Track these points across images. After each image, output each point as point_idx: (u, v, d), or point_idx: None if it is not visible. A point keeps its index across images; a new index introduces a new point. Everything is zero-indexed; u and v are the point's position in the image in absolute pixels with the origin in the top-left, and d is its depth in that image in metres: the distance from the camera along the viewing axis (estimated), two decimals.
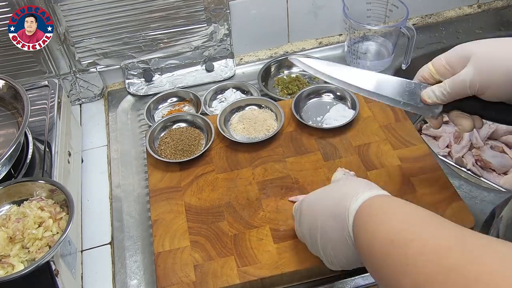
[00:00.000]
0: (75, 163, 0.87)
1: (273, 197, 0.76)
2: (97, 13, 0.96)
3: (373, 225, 0.48)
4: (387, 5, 1.06)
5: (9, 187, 0.70)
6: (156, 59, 1.06)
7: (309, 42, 1.15)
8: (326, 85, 0.94)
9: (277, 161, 0.82)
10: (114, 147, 0.97)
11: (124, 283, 0.75)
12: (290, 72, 1.08)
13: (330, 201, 0.56)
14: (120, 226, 0.83)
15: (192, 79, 1.08)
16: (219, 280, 0.66)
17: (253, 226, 0.72)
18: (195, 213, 0.75)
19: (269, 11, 1.07)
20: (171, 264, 0.69)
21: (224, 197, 0.77)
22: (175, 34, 1.03)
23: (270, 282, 0.67)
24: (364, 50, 1.07)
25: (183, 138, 0.87)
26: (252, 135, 0.87)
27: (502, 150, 0.99)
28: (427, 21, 1.19)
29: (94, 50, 1.01)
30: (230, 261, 0.68)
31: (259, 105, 0.92)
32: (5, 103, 0.81)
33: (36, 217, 0.66)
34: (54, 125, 0.84)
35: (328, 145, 0.84)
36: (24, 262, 0.63)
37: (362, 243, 0.49)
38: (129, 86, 1.07)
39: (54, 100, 0.88)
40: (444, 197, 0.74)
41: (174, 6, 0.99)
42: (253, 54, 1.14)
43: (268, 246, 0.69)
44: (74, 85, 1.04)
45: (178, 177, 0.81)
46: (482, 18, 1.18)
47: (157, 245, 0.71)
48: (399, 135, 0.84)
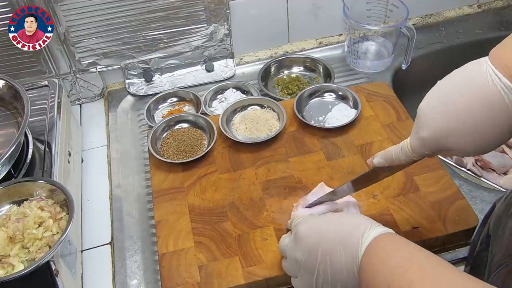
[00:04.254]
0: (75, 163, 0.87)
1: (276, 197, 0.76)
2: (97, 13, 0.96)
3: (375, 264, 0.48)
4: (387, 5, 1.06)
5: (9, 187, 0.70)
6: (156, 59, 1.05)
7: (309, 42, 1.15)
8: (328, 85, 0.94)
9: (280, 161, 0.82)
10: (114, 147, 0.96)
11: (124, 283, 0.75)
12: (290, 72, 1.08)
13: (340, 228, 0.54)
14: (120, 226, 0.82)
15: (192, 79, 1.07)
16: (224, 281, 0.66)
17: (257, 226, 0.72)
18: (198, 214, 0.75)
19: (269, 11, 1.07)
20: (176, 265, 0.68)
21: (228, 197, 0.77)
22: (175, 34, 1.03)
23: (275, 282, 0.67)
24: (364, 50, 1.07)
25: (185, 139, 0.86)
26: (254, 135, 0.86)
27: (502, 150, 0.99)
28: (427, 21, 1.19)
29: (94, 50, 1.00)
30: (235, 261, 0.68)
31: (261, 105, 0.92)
32: (5, 103, 0.80)
33: (36, 217, 0.65)
34: (54, 125, 0.83)
35: (330, 145, 0.84)
36: (24, 262, 0.62)
37: (363, 280, 0.49)
38: (129, 86, 1.06)
39: (54, 100, 0.87)
40: (447, 196, 0.74)
41: (174, 6, 0.99)
42: (253, 54, 1.13)
43: (273, 246, 0.69)
44: (74, 85, 1.04)
45: (181, 177, 0.80)
46: (482, 18, 1.19)
47: (161, 246, 0.71)
48: (402, 134, 0.84)
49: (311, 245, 0.55)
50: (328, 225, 0.56)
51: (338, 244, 0.52)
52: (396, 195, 0.74)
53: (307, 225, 0.58)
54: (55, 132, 0.82)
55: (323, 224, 0.57)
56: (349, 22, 1.02)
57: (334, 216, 0.60)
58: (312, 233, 0.56)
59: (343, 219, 0.57)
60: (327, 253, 0.53)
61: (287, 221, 0.72)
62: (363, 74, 1.07)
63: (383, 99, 0.91)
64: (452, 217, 0.70)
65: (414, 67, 1.08)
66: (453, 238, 0.71)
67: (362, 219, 0.54)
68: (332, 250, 0.52)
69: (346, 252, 0.51)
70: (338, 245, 0.52)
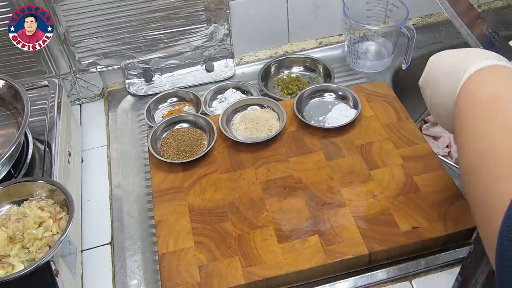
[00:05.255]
0: (75, 163, 0.87)
1: (276, 197, 0.76)
2: (97, 13, 0.96)
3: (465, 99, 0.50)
4: (387, 5, 1.06)
5: (9, 187, 0.70)
6: (156, 59, 1.05)
7: (309, 42, 1.15)
8: (328, 85, 0.94)
9: (280, 161, 0.82)
10: (114, 147, 0.96)
11: (124, 283, 0.75)
12: (290, 72, 1.08)
13: (452, 60, 0.56)
14: (120, 226, 0.82)
15: (192, 79, 1.07)
16: (224, 281, 0.66)
17: (257, 226, 0.72)
18: (198, 214, 0.75)
19: (269, 11, 1.07)
20: (176, 265, 0.68)
21: (228, 197, 0.77)
22: (175, 34, 1.03)
23: (275, 282, 0.67)
24: (364, 50, 1.07)
25: (185, 139, 0.86)
26: (254, 135, 0.86)
27: None
28: (427, 21, 1.19)
29: (94, 50, 1.00)
30: (235, 261, 0.68)
31: (261, 105, 0.92)
32: (5, 103, 0.80)
33: (36, 217, 0.65)
34: (54, 125, 0.83)
35: (330, 145, 0.84)
36: (24, 262, 0.62)
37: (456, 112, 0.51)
38: (129, 86, 1.06)
39: (54, 100, 0.87)
40: (447, 196, 0.74)
41: (174, 6, 0.99)
42: (253, 54, 1.13)
43: (273, 246, 0.69)
44: (74, 85, 1.04)
45: (181, 177, 0.80)
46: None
47: (161, 246, 0.71)
48: (402, 134, 0.84)
49: (431, 67, 0.61)
50: (452, 53, 0.58)
51: (445, 73, 0.56)
52: (396, 195, 0.74)
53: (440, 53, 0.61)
54: (55, 132, 0.82)
55: (451, 52, 0.59)
56: (349, 22, 1.02)
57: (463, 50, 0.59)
58: (437, 58, 0.61)
59: (468, 51, 0.58)
60: (436, 79, 0.58)
61: (287, 220, 0.72)
62: (363, 74, 1.07)
63: (383, 99, 0.91)
64: (452, 217, 0.70)
65: (414, 67, 1.07)
66: (453, 238, 0.71)
67: (479, 52, 0.55)
68: (440, 78, 0.57)
69: (449, 83, 0.54)
70: (445, 74, 0.56)
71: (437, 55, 0.62)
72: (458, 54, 0.57)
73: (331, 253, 0.68)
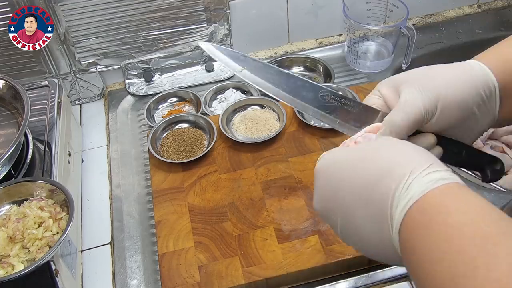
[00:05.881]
0: (75, 163, 0.87)
1: (276, 197, 0.76)
2: (97, 13, 0.96)
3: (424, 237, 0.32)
4: (387, 5, 1.06)
5: (9, 187, 0.70)
6: (156, 59, 1.05)
7: (309, 42, 1.15)
8: (328, 85, 0.94)
9: (280, 161, 0.82)
10: (114, 147, 0.96)
11: (124, 283, 0.75)
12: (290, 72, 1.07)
13: (362, 174, 0.36)
14: (120, 226, 0.82)
15: (192, 79, 1.07)
16: (224, 281, 0.66)
17: (257, 226, 0.72)
18: (198, 214, 0.75)
19: (269, 11, 1.07)
20: (176, 265, 0.68)
21: (228, 197, 0.77)
22: (175, 34, 1.03)
23: (275, 282, 0.67)
24: (364, 50, 1.07)
25: (185, 139, 0.86)
26: (254, 135, 0.86)
27: (502, 150, 0.99)
28: (427, 21, 1.19)
29: (94, 50, 1.00)
30: (235, 261, 0.68)
31: (261, 105, 0.92)
32: (5, 103, 0.80)
33: (36, 217, 0.65)
34: (54, 125, 0.83)
35: (330, 145, 0.84)
36: (24, 262, 0.63)
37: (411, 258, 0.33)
38: (129, 86, 1.06)
39: (54, 100, 0.87)
40: None
41: (174, 6, 0.99)
42: (253, 54, 1.13)
43: (273, 246, 0.69)
44: (74, 85, 1.04)
45: (181, 177, 0.80)
46: (482, 18, 1.18)
47: (161, 246, 0.71)
48: None
49: (325, 187, 0.40)
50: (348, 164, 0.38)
51: (359, 200, 0.36)
52: None
53: (325, 162, 0.41)
54: (55, 132, 0.82)
55: (344, 162, 0.39)
56: (349, 22, 1.02)
57: (362, 150, 0.40)
58: (328, 177, 0.39)
59: (370, 155, 0.38)
60: (347, 213, 0.37)
61: (287, 220, 0.72)
62: (363, 74, 1.07)
63: None
64: None
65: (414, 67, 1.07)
66: None
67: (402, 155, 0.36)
68: (355, 211, 0.36)
69: (372, 216, 0.35)
70: (360, 203, 0.36)
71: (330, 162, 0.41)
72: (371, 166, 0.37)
73: (331, 253, 0.68)
